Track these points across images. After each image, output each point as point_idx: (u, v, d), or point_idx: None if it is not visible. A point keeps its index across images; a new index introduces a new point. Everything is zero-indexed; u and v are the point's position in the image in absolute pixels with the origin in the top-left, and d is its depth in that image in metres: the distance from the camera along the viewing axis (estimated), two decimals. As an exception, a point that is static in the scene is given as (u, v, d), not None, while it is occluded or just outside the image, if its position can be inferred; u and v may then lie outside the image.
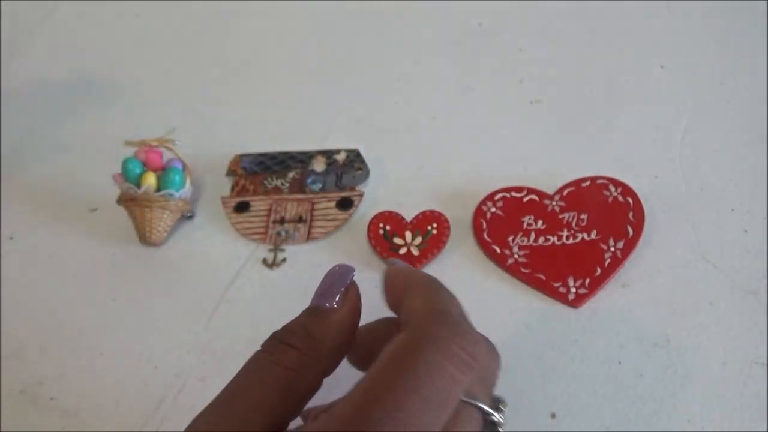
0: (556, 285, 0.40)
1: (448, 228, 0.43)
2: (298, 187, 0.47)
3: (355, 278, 0.27)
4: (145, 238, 0.44)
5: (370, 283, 0.29)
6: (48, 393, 0.38)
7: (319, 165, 0.49)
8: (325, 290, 0.26)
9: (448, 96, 0.55)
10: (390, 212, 0.45)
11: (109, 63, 0.61)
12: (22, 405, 0.38)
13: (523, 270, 0.41)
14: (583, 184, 0.45)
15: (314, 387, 0.25)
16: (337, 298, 0.26)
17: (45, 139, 0.55)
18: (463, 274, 0.42)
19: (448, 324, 0.22)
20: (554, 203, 0.44)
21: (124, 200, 0.45)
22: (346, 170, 0.48)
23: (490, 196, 0.45)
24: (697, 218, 0.44)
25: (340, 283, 0.26)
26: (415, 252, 0.42)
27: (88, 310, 0.42)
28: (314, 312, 0.25)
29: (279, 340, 0.24)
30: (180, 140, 0.46)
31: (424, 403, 0.20)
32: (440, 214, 0.44)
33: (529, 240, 0.43)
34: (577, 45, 0.58)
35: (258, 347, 0.25)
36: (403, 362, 0.21)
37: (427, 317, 0.23)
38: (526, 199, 0.45)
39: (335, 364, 0.26)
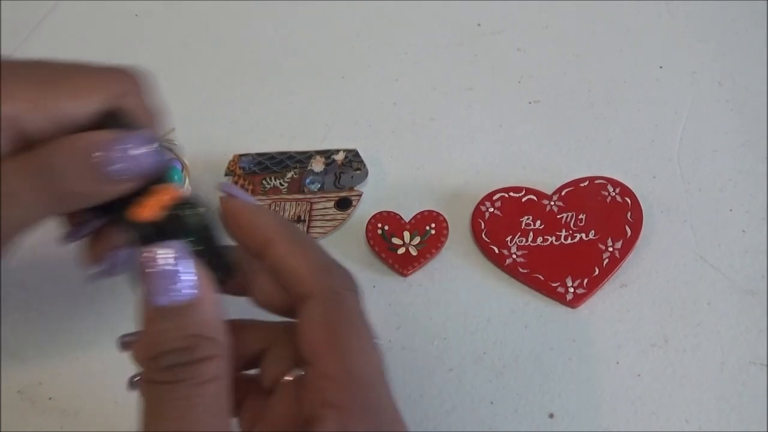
0: (555, 285, 0.40)
1: (447, 228, 0.43)
2: (297, 187, 0.48)
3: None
4: (144, 238, 0.44)
5: (368, 283, 0.29)
6: (47, 393, 0.38)
7: (317, 165, 0.49)
8: (167, 280, 0.21)
9: (447, 96, 0.55)
10: (388, 212, 0.45)
11: (108, 62, 0.61)
12: (20, 405, 0.38)
13: (521, 270, 0.41)
14: (582, 184, 0.45)
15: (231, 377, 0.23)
16: (190, 284, 0.21)
17: (44, 139, 0.55)
18: (462, 274, 0.42)
19: (340, 276, 0.25)
20: (552, 203, 0.44)
21: (123, 200, 0.45)
22: (345, 170, 0.48)
23: (489, 196, 0.45)
24: (695, 218, 0.44)
25: (181, 262, 0.22)
26: (414, 252, 0.42)
27: (87, 310, 0.42)
28: (177, 312, 0.21)
29: (189, 363, 0.21)
30: (179, 140, 0.46)
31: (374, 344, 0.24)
32: (438, 214, 0.44)
33: (527, 240, 0.43)
34: (576, 45, 0.58)
35: None
36: (345, 328, 0.23)
37: (325, 281, 0.24)
38: (524, 199, 0.45)
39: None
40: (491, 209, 0.44)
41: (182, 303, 0.21)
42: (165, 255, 0.21)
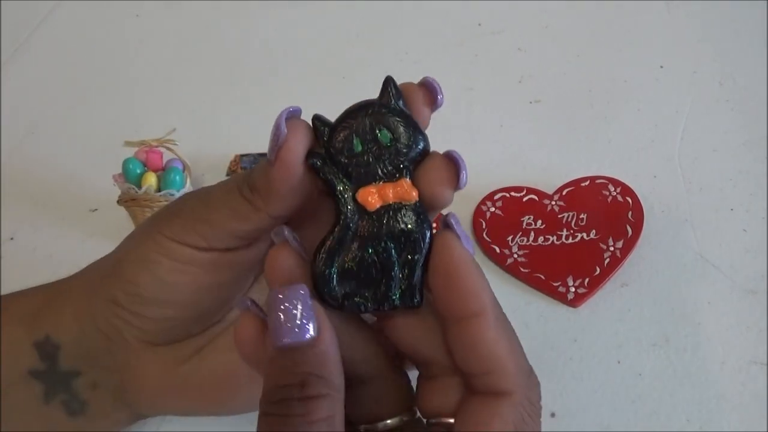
0: (556, 284, 0.40)
1: (448, 228, 0.43)
2: (298, 187, 0.47)
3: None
4: (145, 238, 0.45)
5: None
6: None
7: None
8: (290, 322, 0.21)
9: (448, 96, 0.54)
10: (390, 212, 0.45)
11: (108, 63, 0.61)
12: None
13: (522, 269, 0.41)
14: (583, 184, 0.45)
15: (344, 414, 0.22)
16: (310, 327, 0.21)
17: (45, 139, 0.55)
18: (463, 273, 0.42)
19: (537, 385, 0.23)
20: (553, 203, 0.44)
21: (125, 200, 0.45)
22: (346, 170, 0.48)
23: (490, 196, 0.45)
24: (696, 218, 0.44)
25: (303, 306, 0.21)
26: (415, 252, 0.42)
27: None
28: (296, 352, 0.21)
29: (298, 399, 0.21)
30: (180, 140, 0.46)
31: None
32: (439, 214, 0.44)
33: (528, 240, 0.43)
34: (577, 45, 0.58)
35: None
36: None
37: (527, 387, 0.22)
38: (525, 199, 0.45)
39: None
40: (492, 209, 0.45)
41: (301, 344, 0.21)
42: (289, 296, 0.21)
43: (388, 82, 0.24)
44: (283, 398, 0.21)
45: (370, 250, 0.23)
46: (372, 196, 0.23)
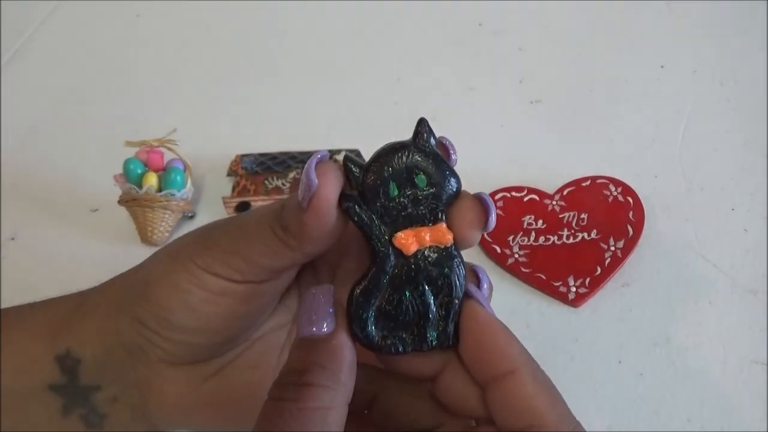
0: (557, 284, 0.40)
1: (449, 228, 0.43)
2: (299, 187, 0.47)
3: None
4: (146, 239, 0.45)
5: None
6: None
7: (319, 165, 0.49)
8: (311, 316, 0.23)
9: (449, 95, 0.55)
10: (390, 212, 0.45)
11: (109, 63, 0.61)
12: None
13: (523, 269, 0.41)
14: (584, 184, 0.45)
15: (344, 420, 0.22)
16: (327, 322, 0.22)
17: (45, 139, 0.55)
18: (464, 273, 0.42)
19: None
20: (554, 203, 0.44)
21: (126, 200, 0.45)
22: (347, 170, 0.48)
23: (491, 196, 0.45)
24: (697, 217, 0.44)
25: (325, 304, 0.23)
26: (416, 252, 0.43)
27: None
28: (311, 343, 0.22)
29: (294, 384, 0.21)
30: (181, 140, 0.46)
31: None
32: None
33: (529, 239, 0.43)
34: (577, 45, 0.58)
35: None
36: None
37: None
38: (526, 199, 0.45)
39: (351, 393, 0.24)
40: (493, 209, 0.45)
41: (317, 336, 0.22)
42: (318, 294, 0.23)
43: (421, 123, 0.24)
44: (282, 382, 0.22)
45: (408, 293, 0.23)
46: (409, 240, 0.23)
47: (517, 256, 0.42)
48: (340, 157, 0.49)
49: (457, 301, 0.23)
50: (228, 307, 0.25)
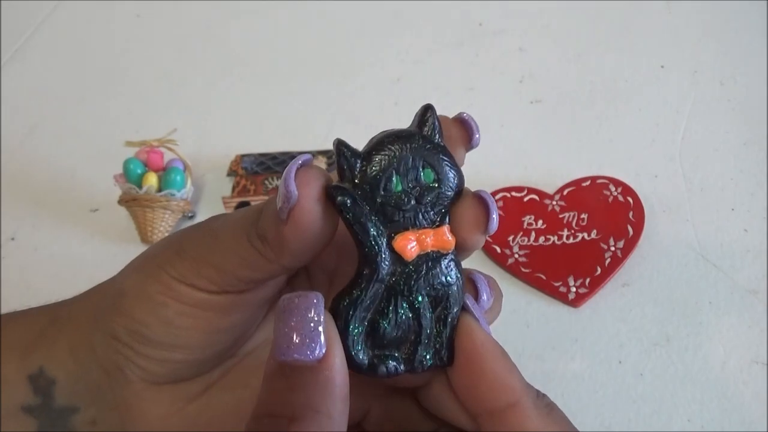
0: (557, 284, 0.40)
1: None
2: (299, 187, 0.47)
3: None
4: (146, 238, 0.45)
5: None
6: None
7: (319, 165, 0.49)
8: (291, 336, 0.18)
9: (449, 96, 0.55)
10: (391, 212, 0.45)
11: (109, 63, 0.61)
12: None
13: (523, 269, 0.41)
14: (584, 184, 0.45)
15: None
16: (317, 345, 0.18)
17: (45, 139, 0.55)
18: (464, 273, 0.42)
19: None
20: (554, 203, 0.44)
21: (126, 200, 0.45)
22: (347, 170, 0.48)
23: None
24: (697, 218, 0.44)
25: (313, 320, 0.19)
26: (416, 252, 0.42)
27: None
28: (295, 372, 0.19)
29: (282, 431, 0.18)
30: (181, 140, 0.46)
31: None
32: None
33: (529, 239, 0.43)
34: (577, 45, 0.58)
35: None
36: None
37: None
38: (526, 199, 0.45)
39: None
40: (493, 209, 0.45)
41: (304, 363, 0.18)
42: (300, 305, 0.19)
43: (429, 110, 0.21)
44: (263, 423, 0.18)
45: (405, 305, 0.20)
46: (410, 244, 0.20)
47: (517, 256, 0.42)
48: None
49: (456, 314, 0.20)
50: (207, 320, 0.23)
